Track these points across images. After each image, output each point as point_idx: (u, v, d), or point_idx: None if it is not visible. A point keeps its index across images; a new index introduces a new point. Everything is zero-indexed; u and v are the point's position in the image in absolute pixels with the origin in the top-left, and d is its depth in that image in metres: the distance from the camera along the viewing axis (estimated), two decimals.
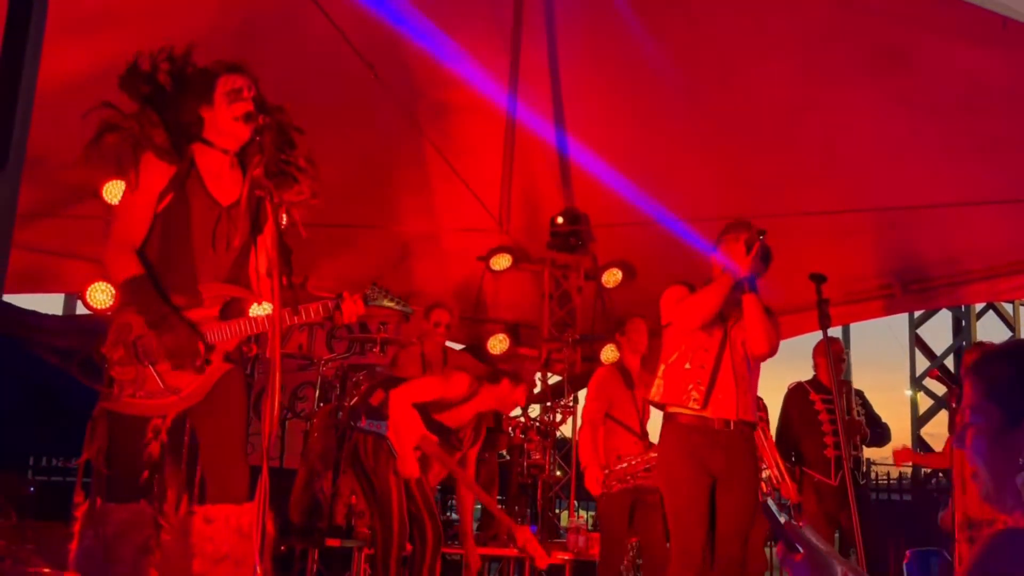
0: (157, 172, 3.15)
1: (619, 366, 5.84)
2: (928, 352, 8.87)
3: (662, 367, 4.02)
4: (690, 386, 3.88)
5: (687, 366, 3.92)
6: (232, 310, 3.21)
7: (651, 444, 5.59)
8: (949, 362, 8.36)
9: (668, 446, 3.95)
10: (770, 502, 1.56)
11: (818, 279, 4.15)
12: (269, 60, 5.39)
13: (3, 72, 1.59)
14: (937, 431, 8.70)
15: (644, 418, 5.66)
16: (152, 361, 3.05)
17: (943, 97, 5.37)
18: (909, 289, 6.84)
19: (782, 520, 1.53)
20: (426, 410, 4.93)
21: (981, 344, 6.68)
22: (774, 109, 6.02)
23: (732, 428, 3.89)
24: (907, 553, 5.78)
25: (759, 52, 5.76)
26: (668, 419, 3.97)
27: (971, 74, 5.12)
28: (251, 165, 3.26)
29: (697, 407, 3.86)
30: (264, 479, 2.87)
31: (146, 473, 3.06)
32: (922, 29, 5.16)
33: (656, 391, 4.01)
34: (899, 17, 5.17)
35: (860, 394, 6.63)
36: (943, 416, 8.58)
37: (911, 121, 5.65)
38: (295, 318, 3.16)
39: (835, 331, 7.69)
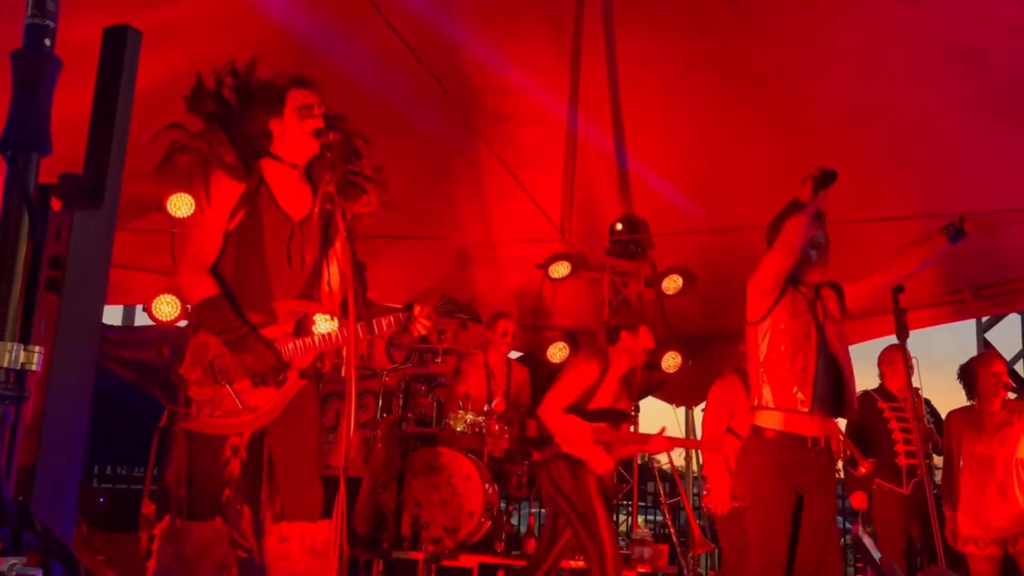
0: (227, 190, 3.15)
1: (739, 372, 5.61)
2: None
3: (762, 371, 3.84)
4: (795, 389, 3.76)
5: (788, 367, 3.77)
6: (306, 326, 3.21)
7: None
8: (1020, 367, 8.12)
9: (756, 460, 3.83)
10: (863, 536, 1.50)
11: (896, 289, 4.03)
12: (329, 70, 5.44)
13: (98, 112, 1.58)
14: None
15: None
16: (229, 380, 3.06)
17: (1018, 99, 5.21)
18: (980, 294, 6.67)
19: (876, 556, 1.46)
20: (578, 407, 4.94)
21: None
22: (840, 112, 5.89)
23: (822, 444, 3.80)
24: None
25: (825, 53, 5.65)
26: (755, 432, 3.86)
27: None
28: (322, 181, 3.26)
29: (805, 410, 3.74)
30: (341, 497, 2.87)
31: (226, 491, 3.07)
32: (995, 29, 5.02)
33: (768, 397, 3.82)
34: (971, 16, 5.04)
35: (928, 402, 6.49)
36: None
37: (984, 123, 5.50)
38: (369, 334, 3.15)
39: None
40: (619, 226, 7.34)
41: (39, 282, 1.42)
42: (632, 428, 5.02)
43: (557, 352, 7.27)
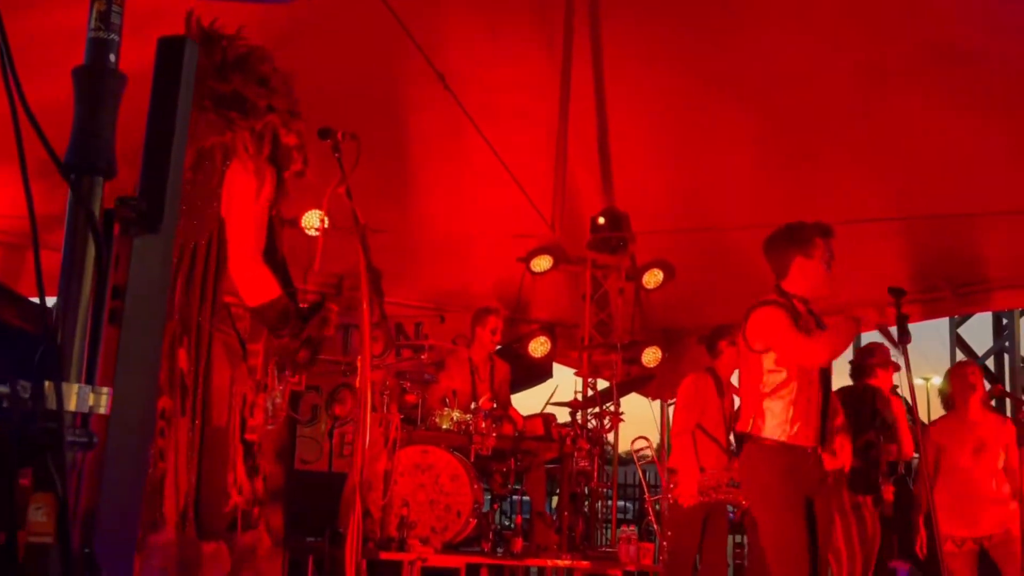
0: (273, 176, 3.02)
1: (711, 372, 5.64)
2: (969, 353, 8.77)
3: (766, 401, 3.81)
4: (797, 425, 3.73)
5: (792, 399, 3.75)
6: None
7: (734, 457, 5.49)
8: (990, 363, 8.25)
9: (763, 470, 3.80)
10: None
11: (897, 293, 4.01)
12: (320, 55, 5.30)
13: (153, 129, 1.48)
14: None
15: (730, 429, 5.54)
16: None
17: (1010, 99, 5.24)
18: (959, 292, 6.72)
19: None
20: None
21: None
22: (830, 111, 5.89)
23: (821, 452, 3.81)
24: None
25: (816, 52, 5.63)
26: (754, 442, 3.82)
27: None
28: (332, 184, 3.15)
29: (809, 444, 3.74)
30: (357, 511, 2.80)
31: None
32: (989, 29, 5.04)
33: (754, 424, 3.82)
34: (965, 16, 5.04)
35: (905, 401, 6.53)
36: None
37: (971, 124, 5.52)
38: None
39: (872, 335, 7.63)
40: (601, 220, 7.29)
41: (103, 315, 1.33)
42: None
43: (539, 347, 7.20)
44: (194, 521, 2.91)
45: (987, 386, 6.05)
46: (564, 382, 7.66)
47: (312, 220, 6.04)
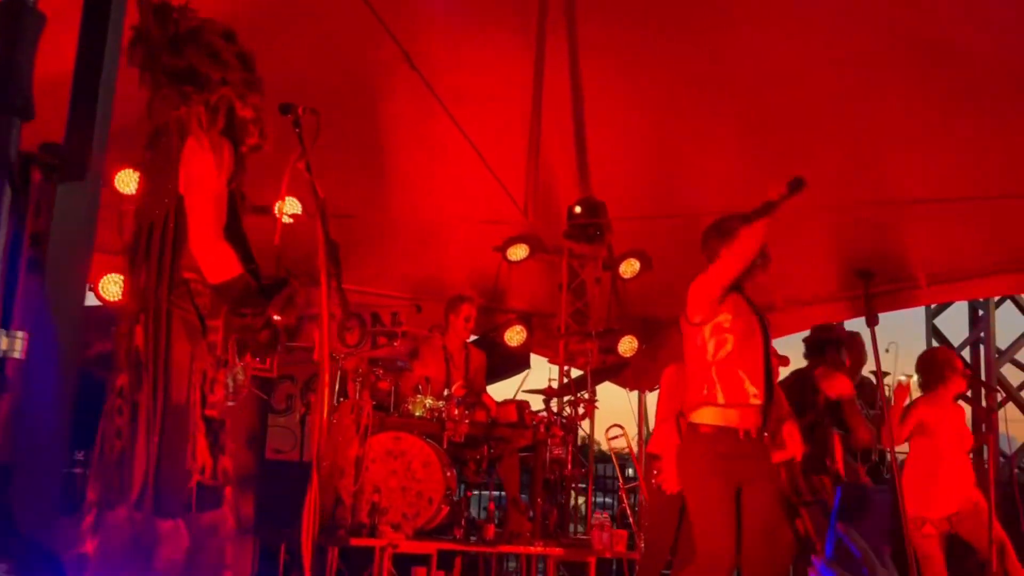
0: (231, 151, 2.98)
1: None
2: (945, 344, 8.71)
3: (714, 369, 3.86)
4: (748, 386, 3.80)
5: (738, 361, 3.82)
6: None
7: None
8: (966, 353, 8.24)
9: (690, 455, 3.91)
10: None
11: (866, 276, 4.03)
12: (290, 39, 5.27)
13: (80, 75, 1.45)
14: None
15: None
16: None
17: (982, 91, 5.25)
18: (935, 280, 6.72)
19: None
20: None
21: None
22: (808, 101, 5.89)
23: (754, 435, 3.85)
24: None
25: (792, 43, 5.62)
26: (690, 429, 3.91)
27: (1015, 68, 5.01)
28: (292, 159, 3.11)
29: (757, 402, 3.78)
30: (314, 488, 2.77)
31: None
32: (965, 22, 5.04)
33: (719, 393, 3.84)
34: (942, 10, 5.05)
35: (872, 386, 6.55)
36: None
37: (948, 114, 5.52)
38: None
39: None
40: (578, 209, 7.27)
41: (20, 262, 1.29)
42: None
43: (515, 336, 7.18)
44: (152, 499, 2.88)
45: None
46: (540, 372, 7.63)
47: (283, 207, 6.00)
